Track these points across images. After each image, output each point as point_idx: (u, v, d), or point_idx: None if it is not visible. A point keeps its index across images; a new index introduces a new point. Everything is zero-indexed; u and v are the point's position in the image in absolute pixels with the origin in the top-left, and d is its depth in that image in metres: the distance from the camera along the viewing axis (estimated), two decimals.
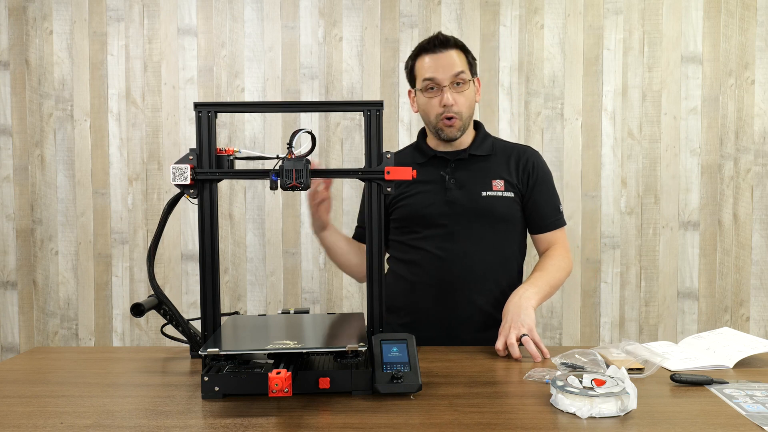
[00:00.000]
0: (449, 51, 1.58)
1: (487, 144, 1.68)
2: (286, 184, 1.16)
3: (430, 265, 1.60)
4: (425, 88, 1.60)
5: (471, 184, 1.62)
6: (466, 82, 1.59)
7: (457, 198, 1.60)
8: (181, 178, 1.18)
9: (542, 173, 1.68)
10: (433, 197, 1.62)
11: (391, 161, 1.22)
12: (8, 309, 2.77)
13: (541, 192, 1.67)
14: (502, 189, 1.61)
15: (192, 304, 2.73)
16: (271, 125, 2.69)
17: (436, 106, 1.59)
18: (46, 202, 2.73)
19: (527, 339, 1.36)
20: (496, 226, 1.61)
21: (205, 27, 2.69)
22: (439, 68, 1.57)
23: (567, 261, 1.66)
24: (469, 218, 1.60)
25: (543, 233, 1.69)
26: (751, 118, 2.62)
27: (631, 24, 2.63)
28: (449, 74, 1.57)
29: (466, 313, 1.59)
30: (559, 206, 1.70)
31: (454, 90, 1.58)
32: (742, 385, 1.14)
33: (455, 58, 1.58)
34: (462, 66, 1.58)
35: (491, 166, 1.65)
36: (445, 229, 1.60)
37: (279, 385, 0.98)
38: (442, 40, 1.59)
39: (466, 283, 1.59)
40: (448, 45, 1.59)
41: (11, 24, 2.70)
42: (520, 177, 1.65)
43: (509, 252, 1.65)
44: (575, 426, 0.96)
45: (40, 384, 1.20)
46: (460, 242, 1.59)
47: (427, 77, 1.58)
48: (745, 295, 2.65)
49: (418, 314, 1.62)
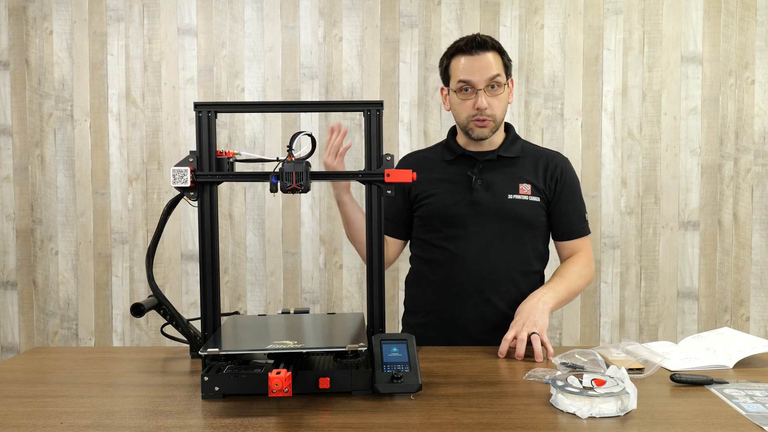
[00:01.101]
0: (486, 53, 1.55)
1: (517, 146, 1.66)
2: (286, 187, 1.16)
3: (451, 265, 1.59)
4: (460, 89, 1.58)
5: (498, 186, 1.60)
6: (501, 86, 1.57)
7: (482, 199, 1.59)
8: (182, 181, 1.18)
9: (570, 180, 1.66)
10: (458, 196, 1.60)
11: (391, 164, 1.22)
12: (8, 309, 2.77)
13: (568, 200, 1.65)
14: (528, 193, 1.60)
15: (192, 304, 2.73)
16: (271, 125, 2.69)
17: (469, 107, 1.57)
18: (46, 202, 2.73)
19: (536, 337, 1.36)
20: (520, 230, 1.60)
21: (205, 27, 2.69)
22: (476, 71, 1.55)
23: (589, 270, 1.65)
24: (494, 220, 1.58)
25: (567, 240, 1.67)
26: (751, 118, 2.62)
27: (631, 24, 2.63)
28: (485, 77, 1.54)
29: (484, 314, 1.58)
30: (585, 215, 1.69)
31: (489, 93, 1.56)
32: (742, 385, 1.14)
33: (492, 60, 1.55)
34: (498, 69, 1.56)
35: (519, 169, 1.63)
36: (468, 230, 1.59)
37: (279, 385, 0.98)
38: (480, 42, 1.56)
39: (485, 284, 1.58)
40: (486, 47, 1.56)
41: (11, 24, 2.70)
42: (548, 183, 1.63)
43: (531, 256, 1.63)
44: (575, 426, 0.96)
45: (40, 384, 1.20)
46: (482, 243, 1.58)
47: (462, 79, 1.56)
48: (745, 295, 2.65)
49: (436, 314, 1.61)
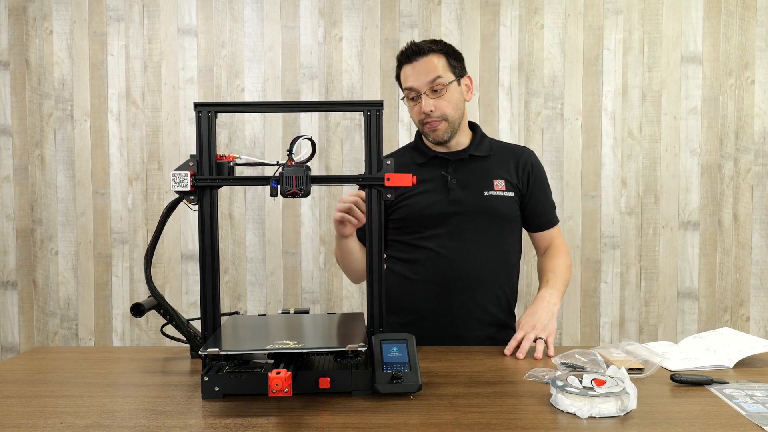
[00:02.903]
0: (425, 57, 1.57)
1: (485, 145, 1.70)
2: (287, 191, 1.16)
3: (433, 264, 1.61)
4: (407, 96, 1.62)
5: (473, 183, 1.63)
6: (444, 86, 1.58)
7: (459, 197, 1.61)
8: (182, 185, 1.18)
9: (539, 173, 1.72)
10: (435, 197, 1.62)
11: (391, 167, 1.22)
12: (8, 309, 2.77)
13: (540, 192, 1.71)
14: (503, 189, 1.64)
15: (192, 304, 2.73)
16: (271, 125, 2.69)
17: (417, 113, 1.62)
18: (46, 202, 2.73)
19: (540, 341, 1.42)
20: (498, 226, 1.63)
21: (205, 27, 2.69)
22: (416, 76, 1.58)
23: (569, 257, 1.74)
24: (473, 217, 1.61)
25: (543, 231, 1.74)
26: (751, 118, 2.62)
27: (631, 24, 2.63)
28: (424, 81, 1.57)
29: (468, 311, 1.60)
30: (554, 203, 1.76)
31: (432, 96, 1.58)
32: (742, 385, 1.14)
33: (432, 64, 1.57)
34: (440, 71, 1.57)
35: (491, 166, 1.67)
36: (448, 228, 1.61)
37: (279, 385, 0.98)
38: (416, 48, 1.59)
39: (468, 281, 1.60)
40: (423, 52, 1.58)
41: (11, 24, 2.70)
42: (520, 177, 1.68)
43: (509, 251, 1.67)
44: (575, 426, 0.96)
45: (40, 384, 1.20)
46: (463, 241, 1.61)
47: (406, 86, 1.61)
48: (745, 295, 2.65)
49: (420, 313, 1.62)
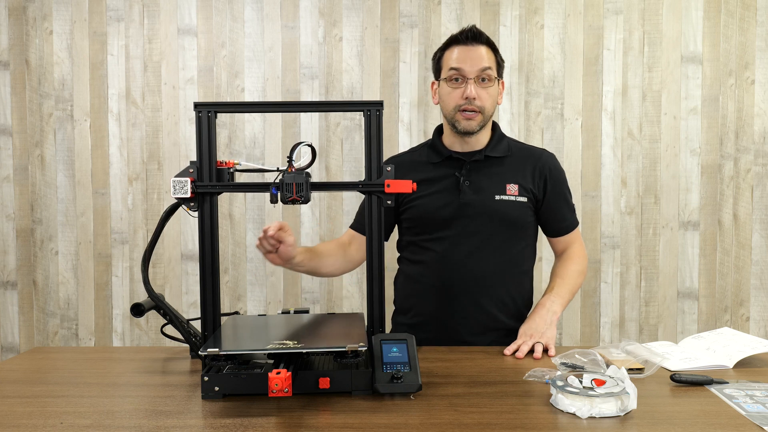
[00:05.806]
0: (480, 46, 1.57)
1: (503, 145, 1.66)
2: (287, 198, 1.17)
3: (437, 267, 1.59)
4: (450, 77, 1.57)
5: (485, 187, 1.60)
6: (491, 79, 1.57)
7: (470, 201, 1.59)
8: (182, 192, 1.18)
9: (558, 177, 1.67)
10: (446, 198, 1.60)
11: (391, 174, 1.22)
12: (8, 309, 2.77)
13: (558, 196, 1.66)
14: (515, 194, 1.60)
15: (192, 304, 2.73)
16: (271, 125, 2.69)
17: (457, 97, 1.57)
18: (46, 202, 2.73)
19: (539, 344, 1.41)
20: (508, 231, 1.60)
21: (205, 27, 2.69)
22: (467, 60, 1.55)
23: (585, 261, 1.70)
24: (482, 221, 1.58)
25: (560, 236, 1.69)
26: (751, 118, 2.61)
27: (631, 24, 2.63)
28: (476, 67, 1.55)
29: (472, 315, 1.58)
30: (574, 207, 1.71)
31: (478, 84, 1.56)
32: (742, 385, 1.14)
33: (484, 53, 1.57)
34: (490, 62, 1.57)
35: (507, 169, 1.63)
36: (455, 231, 1.59)
37: (279, 385, 0.98)
38: (475, 33, 1.57)
39: (472, 285, 1.58)
40: (480, 40, 1.57)
41: (11, 24, 2.70)
42: (537, 182, 1.63)
43: (519, 256, 1.63)
44: (575, 426, 0.96)
45: (40, 384, 1.20)
46: (469, 244, 1.58)
47: (453, 66, 1.56)
48: (745, 295, 2.65)
49: (426, 315, 1.62)
